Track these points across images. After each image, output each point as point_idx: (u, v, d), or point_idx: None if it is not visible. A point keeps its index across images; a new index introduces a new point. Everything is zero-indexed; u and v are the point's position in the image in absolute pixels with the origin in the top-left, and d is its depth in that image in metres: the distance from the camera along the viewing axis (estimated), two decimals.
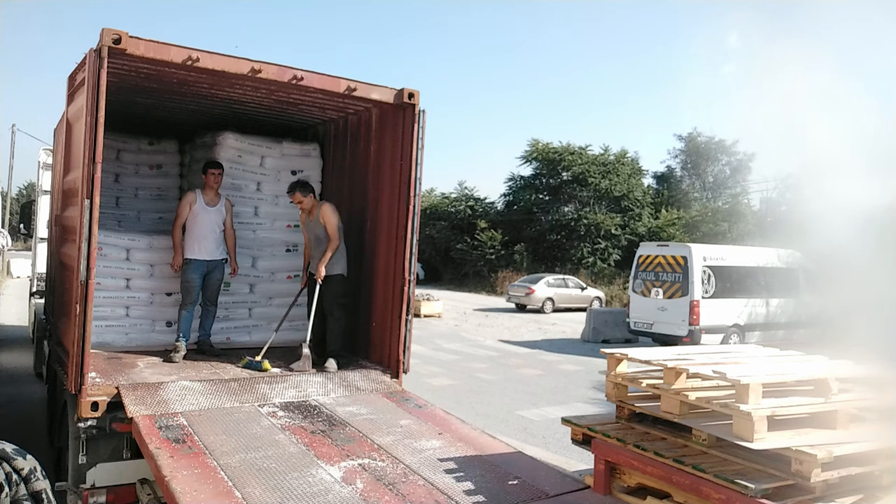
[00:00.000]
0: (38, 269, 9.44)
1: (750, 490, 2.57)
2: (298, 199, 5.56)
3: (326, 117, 6.36)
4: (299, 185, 5.57)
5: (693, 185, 38.76)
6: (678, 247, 14.65)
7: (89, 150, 3.96)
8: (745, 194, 33.68)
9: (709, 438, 2.93)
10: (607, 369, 3.49)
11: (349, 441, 3.87)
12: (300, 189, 5.55)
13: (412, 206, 5.21)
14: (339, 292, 5.59)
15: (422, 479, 3.39)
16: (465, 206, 38.97)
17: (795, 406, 2.91)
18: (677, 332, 13.30)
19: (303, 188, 5.56)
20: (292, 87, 4.91)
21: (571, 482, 3.51)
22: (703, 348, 4.90)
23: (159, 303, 5.83)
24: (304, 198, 5.54)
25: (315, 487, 3.23)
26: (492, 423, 7.65)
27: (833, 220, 3.82)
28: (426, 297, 20.80)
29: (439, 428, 4.23)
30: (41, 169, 9.60)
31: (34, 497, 2.00)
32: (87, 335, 4.01)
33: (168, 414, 3.98)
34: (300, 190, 5.55)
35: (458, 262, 37.12)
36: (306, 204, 5.56)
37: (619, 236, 33.69)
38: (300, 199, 5.55)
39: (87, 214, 3.94)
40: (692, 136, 38.48)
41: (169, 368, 5.01)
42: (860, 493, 2.74)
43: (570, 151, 35.78)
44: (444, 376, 11.04)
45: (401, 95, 5.18)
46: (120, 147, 6.63)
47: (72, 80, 4.84)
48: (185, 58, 4.31)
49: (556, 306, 23.91)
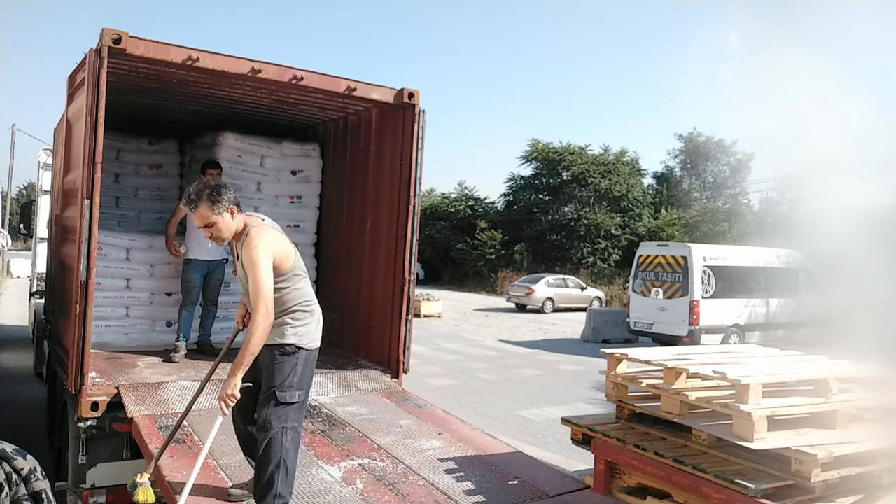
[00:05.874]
0: (38, 269, 9.43)
1: (750, 490, 2.58)
2: (203, 219, 3.00)
3: (326, 117, 6.36)
4: (206, 193, 2.98)
5: (693, 185, 38.76)
6: (678, 247, 14.65)
7: (89, 150, 3.96)
8: (745, 194, 33.73)
9: (709, 438, 2.93)
10: (607, 369, 3.49)
11: (349, 441, 3.87)
12: (208, 196, 2.97)
13: (412, 206, 5.21)
14: (272, 390, 3.00)
15: (422, 479, 3.39)
16: (465, 206, 38.96)
17: (795, 406, 2.91)
18: (677, 332, 13.30)
19: (212, 196, 2.97)
20: (292, 87, 4.91)
21: (571, 482, 3.51)
22: (703, 348, 4.90)
23: (159, 303, 5.83)
24: (214, 215, 2.98)
25: (315, 487, 3.24)
26: (492, 423, 7.64)
27: (833, 219, 3.83)
28: (426, 297, 20.79)
29: (439, 428, 4.23)
30: (41, 169, 9.60)
31: (34, 497, 2.00)
32: (87, 335, 4.01)
33: (168, 414, 3.98)
34: (208, 198, 2.97)
35: (458, 262, 37.12)
36: (220, 229, 3.01)
37: (619, 236, 33.70)
38: (205, 216, 2.98)
39: (87, 214, 3.94)
40: (692, 136, 38.53)
41: (169, 368, 5.01)
42: (860, 493, 2.74)
43: (570, 151, 35.80)
44: (444, 376, 11.03)
45: (401, 95, 5.18)
46: (120, 147, 6.63)
47: (72, 80, 4.84)
48: (185, 58, 4.31)
49: (556, 306, 23.90)
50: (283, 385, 2.96)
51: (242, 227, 3.04)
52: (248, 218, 3.09)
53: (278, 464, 2.91)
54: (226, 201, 2.97)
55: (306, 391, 3.09)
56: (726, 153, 37.43)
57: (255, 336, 2.81)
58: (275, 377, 2.97)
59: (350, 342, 5.87)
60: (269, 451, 2.91)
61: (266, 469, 2.91)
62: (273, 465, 2.90)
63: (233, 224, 3.02)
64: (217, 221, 2.98)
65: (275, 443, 2.91)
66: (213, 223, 2.98)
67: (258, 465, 2.96)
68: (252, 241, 2.93)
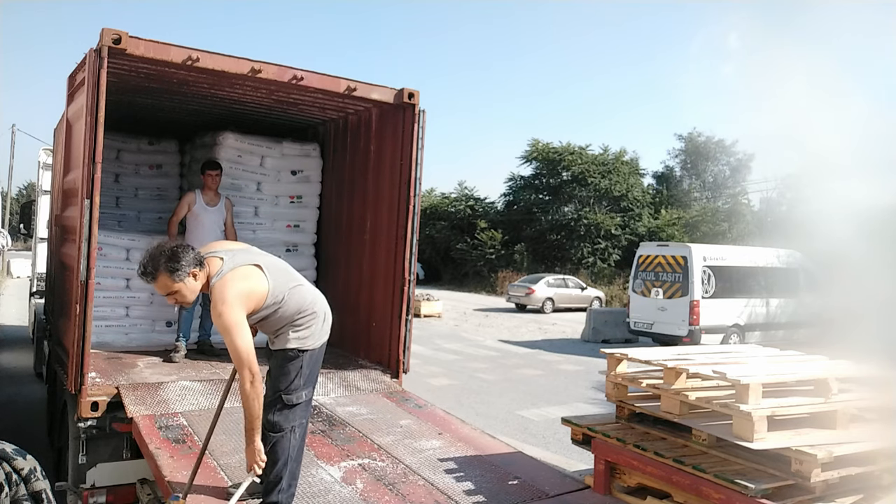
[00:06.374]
0: (38, 269, 9.44)
1: (750, 490, 2.58)
2: (165, 289, 2.84)
3: (326, 117, 6.36)
4: (164, 263, 2.77)
5: (693, 185, 38.77)
6: (678, 247, 14.65)
7: (89, 150, 3.96)
8: (745, 194, 33.75)
9: (709, 438, 2.93)
10: (607, 369, 3.49)
11: (349, 441, 3.87)
12: (165, 266, 2.76)
13: (412, 206, 5.21)
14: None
15: (422, 479, 3.39)
16: (465, 206, 38.97)
17: (795, 406, 2.91)
18: (677, 332, 13.30)
19: (169, 265, 2.75)
20: (292, 87, 4.91)
21: (571, 482, 3.51)
22: (703, 348, 4.89)
23: (159, 303, 5.82)
24: (176, 284, 2.79)
25: (315, 487, 3.24)
26: (492, 423, 7.64)
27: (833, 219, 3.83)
28: (426, 297, 20.79)
29: (439, 428, 4.23)
30: (41, 169, 9.60)
31: (34, 497, 2.00)
32: (87, 335, 4.01)
33: (168, 414, 3.98)
34: (165, 268, 2.76)
35: (458, 262, 37.12)
36: (184, 296, 2.85)
37: (619, 236, 33.71)
38: (167, 286, 2.82)
39: (87, 214, 3.94)
40: (692, 135, 38.54)
41: (169, 368, 5.01)
42: (860, 493, 2.74)
43: (570, 151, 35.81)
44: (444, 376, 11.03)
45: (401, 95, 5.18)
46: (120, 147, 6.63)
47: (72, 80, 4.84)
48: (185, 58, 4.31)
49: (556, 306, 23.91)
50: (288, 388, 2.96)
51: (207, 281, 2.86)
52: (210, 266, 2.86)
53: (286, 461, 2.94)
54: (185, 266, 2.76)
55: (312, 387, 3.09)
56: (726, 153, 37.46)
57: (250, 402, 2.78)
58: (280, 381, 2.97)
59: (350, 342, 5.87)
60: (277, 450, 2.93)
61: (273, 467, 2.93)
62: (281, 462, 2.93)
63: (196, 286, 2.84)
64: (180, 289, 2.80)
65: (283, 441, 2.95)
66: (175, 291, 2.81)
67: (266, 463, 2.95)
68: (217, 305, 2.73)
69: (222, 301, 2.74)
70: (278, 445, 2.94)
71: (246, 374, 2.75)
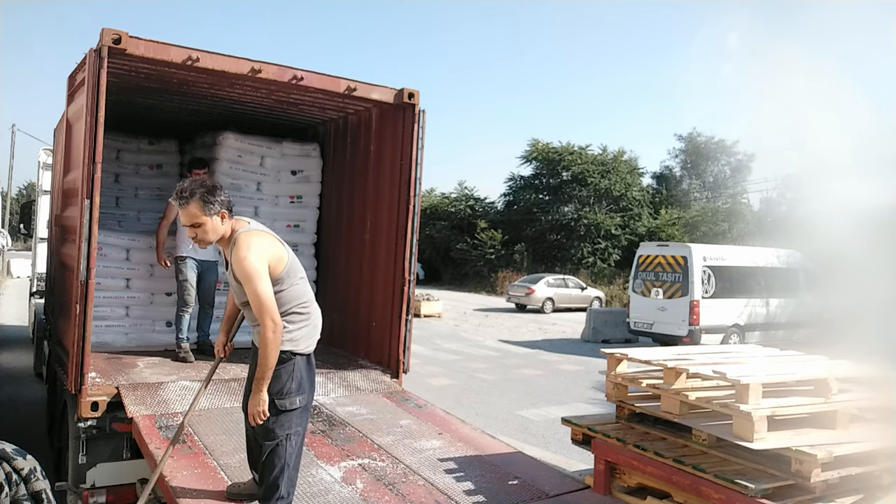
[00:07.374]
0: (38, 269, 9.44)
1: (750, 490, 2.58)
2: (191, 218, 2.87)
3: (326, 117, 6.36)
4: (200, 192, 2.85)
5: (693, 185, 38.78)
6: (678, 247, 14.66)
7: (89, 150, 3.96)
8: (745, 194, 33.76)
9: (709, 438, 2.93)
10: (607, 369, 3.49)
11: (349, 441, 3.87)
12: (201, 195, 2.85)
13: (412, 206, 5.21)
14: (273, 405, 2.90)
15: (422, 479, 3.39)
16: (465, 206, 38.98)
17: (795, 406, 2.91)
18: (677, 332, 13.31)
19: (205, 196, 2.85)
20: (292, 87, 4.91)
21: (571, 482, 3.51)
22: (703, 348, 4.90)
23: (159, 303, 5.83)
24: (203, 216, 2.86)
25: (315, 487, 3.24)
26: (492, 423, 7.64)
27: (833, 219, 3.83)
28: (426, 297, 20.79)
29: (439, 428, 4.23)
30: (41, 169, 9.60)
31: (34, 497, 2.00)
32: (87, 335, 4.01)
33: (168, 414, 3.98)
34: (201, 197, 2.85)
35: (458, 262, 37.12)
36: (206, 231, 2.89)
37: (619, 236, 33.71)
38: (194, 216, 2.86)
39: (87, 214, 3.94)
40: (692, 136, 38.55)
41: (169, 368, 5.01)
42: (860, 493, 2.74)
43: (569, 151, 35.83)
44: (444, 376, 11.03)
45: (401, 95, 5.18)
46: (120, 147, 6.63)
47: (72, 80, 4.84)
48: (185, 58, 4.31)
49: (556, 306, 23.91)
50: (281, 393, 2.89)
51: (230, 232, 2.92)
52: (236, 223, 2.97)
53: (282, 469, 2.90)
54: (218, 204, 2.85)
55: (309, 395, 3.02)
56: (726, 153, 37.50)
57: (268, 350, 2.75)
58: (272, 385, 2.86)
59: (350, 342, 5.87)
60: (273, 458, 2.90)
61: (270, 474, 2.90)
62: (277, 470, 2.89)
63: (221, 228, 2.89)
64: (205, 223, 2.85)
65: (279, 449, 2.90)
66: (200, 224, 2.85)
67: (262, 469, 2.94)
68: (241, 250, 2.79)
69: (248, 247, 2.80)
70: (275, 453, 2.90)
71: (268, 322, 2.74)
